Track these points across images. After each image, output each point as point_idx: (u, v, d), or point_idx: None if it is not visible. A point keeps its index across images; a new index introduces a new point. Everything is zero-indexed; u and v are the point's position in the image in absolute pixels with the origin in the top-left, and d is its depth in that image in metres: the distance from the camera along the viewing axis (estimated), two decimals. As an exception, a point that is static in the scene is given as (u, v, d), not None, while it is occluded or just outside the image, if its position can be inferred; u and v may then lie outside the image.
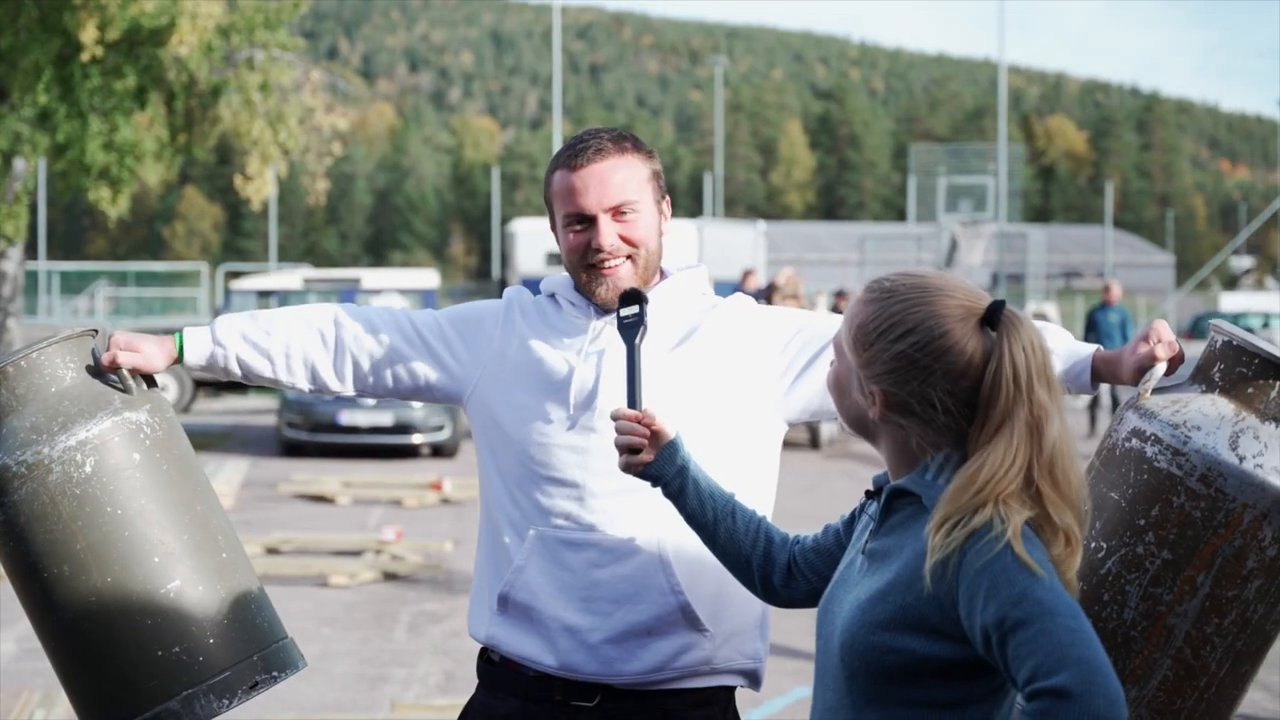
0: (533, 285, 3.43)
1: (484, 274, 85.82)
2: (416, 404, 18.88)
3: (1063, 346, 3.09)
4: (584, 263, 3.20)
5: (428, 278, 28.38)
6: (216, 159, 75.35)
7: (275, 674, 3.15)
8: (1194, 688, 2.82)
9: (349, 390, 3.34)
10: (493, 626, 3.22)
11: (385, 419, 18.94)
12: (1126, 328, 21.20)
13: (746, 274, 21.33)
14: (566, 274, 3.30)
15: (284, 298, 26.97)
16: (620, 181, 3.18)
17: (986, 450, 2.38)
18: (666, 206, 3.30)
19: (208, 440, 20.99)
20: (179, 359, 3.28)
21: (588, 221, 3.18)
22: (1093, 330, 21.48)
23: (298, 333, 3.32)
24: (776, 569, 2.85)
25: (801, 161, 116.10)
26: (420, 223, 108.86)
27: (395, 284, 27.45)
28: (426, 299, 26.82)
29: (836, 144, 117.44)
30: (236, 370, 3.30)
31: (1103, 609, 2.82)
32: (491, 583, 3.24)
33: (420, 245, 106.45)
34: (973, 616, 2.30)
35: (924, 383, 2.42)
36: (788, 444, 19.75)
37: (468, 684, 8.29)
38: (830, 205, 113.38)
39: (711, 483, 2.89)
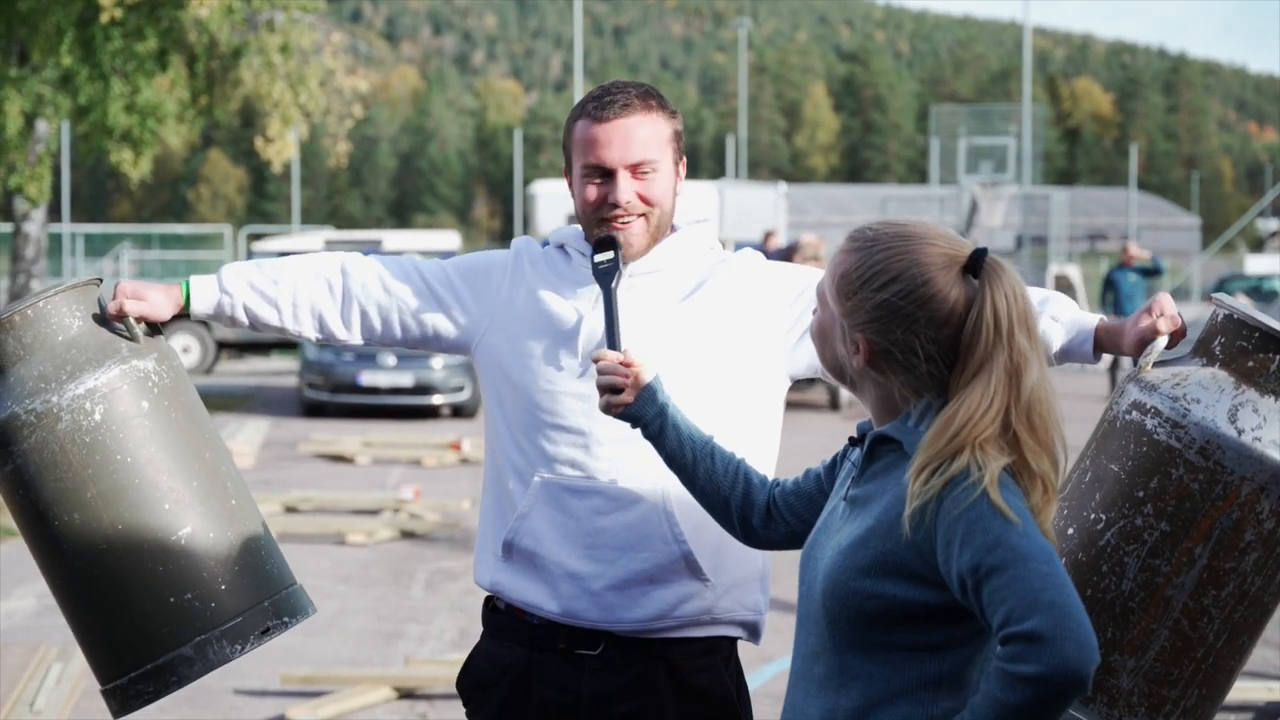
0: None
1: (507, 236, 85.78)
2: (437, 365, 18.94)
3: (1067, 316, 3.10)
4: (597, 215, 3.20)
5: (449, 239, 28.40)
6: (240, 122, 75.35)
7: (286, 619, 3.16)
8: (1191, 658, 2.85)
9: (356, 339, 3.35)
10: (497, 573, 3.24)
11: (406, 380, 19.00)
12: (1140, 289, 21.02)
13: (767, 235, 21.30)
14: (576, 226, 3.32)
15: (305, 259, 26.98)
16: (644, 139, 3.18)
17: (964, 394, 2.40)
18: (683, 167, 3.30)
19: (230, 401, 21.08)
20: (185, 307, 3.29)
21: (607, 175, 3.18)
22: (1111, 290, 21.37)
23: (305, 281, 3.32)
24: (755, 510, 2.87)
25: (826, 124, 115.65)
26: (444, 185, 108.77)
27: (416, 246, 27.48)
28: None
29: (861, 106, 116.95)
30: (243, 318, 3.31)
31: (1101, 580, 2.84)
32: (496, 530, 3.26)
33: (444, 208, 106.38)
34: (949, 563, 2.32)
35: (907, 331, 2.44)
36: (807, 405, 19.78)
37: (482, 640, 8.37)
38: (854, 168, 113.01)
39: (691, 425, 2.91)
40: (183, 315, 3.33)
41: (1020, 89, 47.30)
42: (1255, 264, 48.90)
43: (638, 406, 2.89)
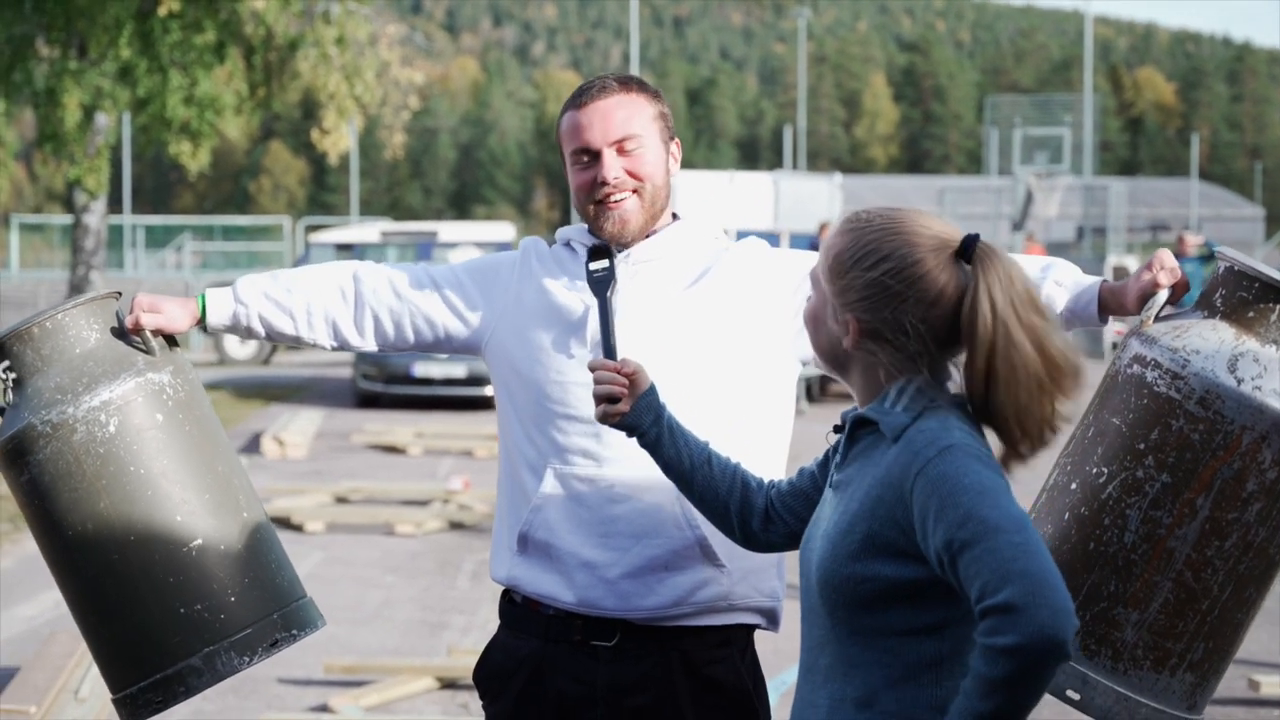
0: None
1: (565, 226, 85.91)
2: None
3: (1069, 279, 3.11)
4: (591, 198, 3.24)
5: (504, 230, 28.47)
6: (301, 114, 75.76)
7: (294, 632, 3.18)
8: (1196, 610, 2.84)
9: (370, 345, 3.38)
10: (513, 568, 3.25)
11: (459, 371, 19.07)
12: (1197, 279, 20.89)
13: (822, 227, 21.25)
14: (582, 224, 3.35)
15: (362, 251, 27.14)
16: (624, 117, 3.23)
17: (973, 381, 2.43)
18: (676, 149, 3.34)
19: (285, 391, 21.20)
20: (201, 319, 3.32)
21: (593, 156, 3.23)
22: None
23: (318, 290, 3.35)
24: (755, 514, 2.87)
25: (885, 114, 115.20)
26: (503, 176, 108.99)
27: (472, 237, 27.55)
28: (502, 251, 26.86)
29: (921, 96, 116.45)
30: (259, 328, 3.34)
31: (1103, 533, 2.85)
32: (511, 523, 3.27)
33: (503, 199, 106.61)
34: (926, 539, 2.34)
35: (896, 310, 2.46)
36: (841, 395, 19.71)
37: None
38: (914, 158, 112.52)
39: (687, 432, 2.91)
40: (199, 327, 3.36)
41: (1082, 78, 46.99)
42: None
43: (634, 415, 2.88)
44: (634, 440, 2.95)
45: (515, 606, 3.30)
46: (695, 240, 3.31)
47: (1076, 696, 2.87)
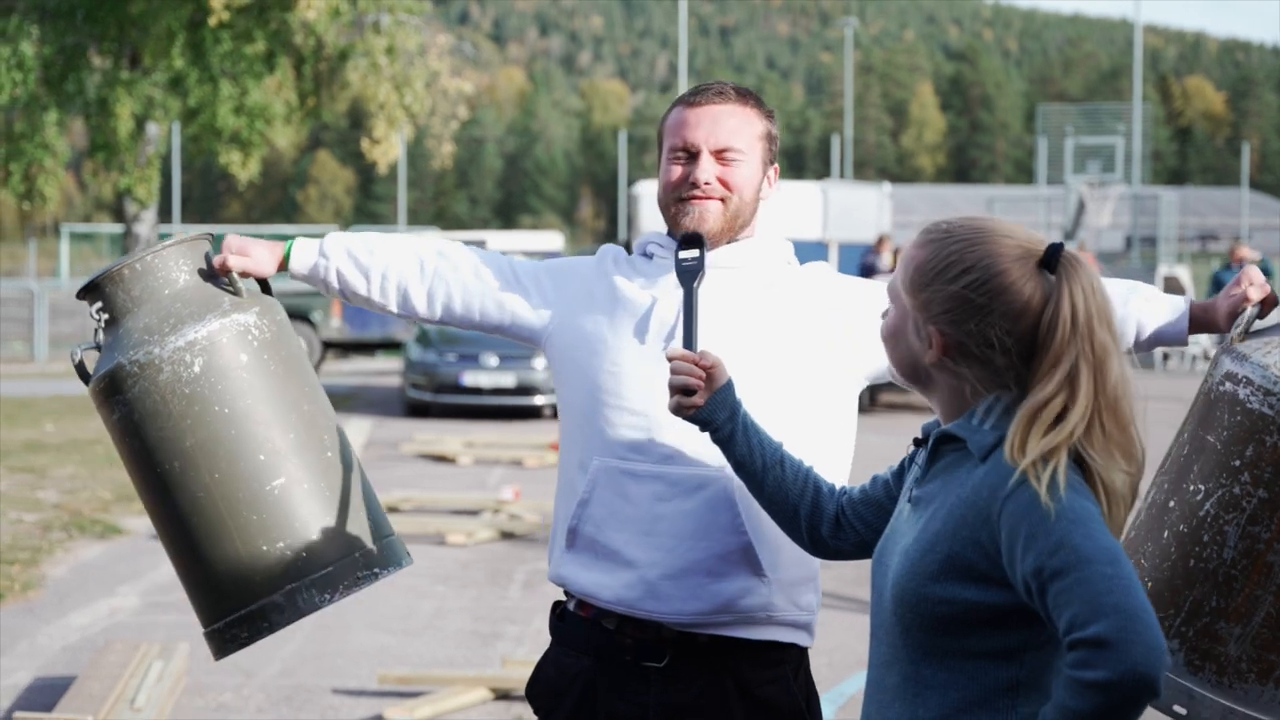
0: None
1: (611, 237, 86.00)
2: (539, 365, 19.00)
3: (1158, 296, 3.13)
4: (676, 194, 3.23)
5: (552, 240, 28.48)
6: (348, 123, 76.06)
7: (377, 570, 3.20)
8: None
9: (435, 316, 3.38)
10: (562, 566, 3.24)
11: (508, 380, 19.08)
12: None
13: (880, 240, 21.28)
14: (660, 231, 3.34)
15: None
16: (733, 126, 3.22)
17: (1041, 389, 2.37)
18: (774, 175, 3.32)
19: (333, 400, 21.01)
20: (284, 265, 3.36)
21: (691, 155, 3.22)
22: (1219, 289, 21.22)
23: (398, 256, 3.37)
24: (825, 519, 2.83)
25: (933, 123, 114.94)
26: (549, 186, 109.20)
27: (520, 246, 27.59)
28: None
29: (968, 105, 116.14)
30: (334, 283, 3.36)
31: (1203, 550, 2.85)
32: (562, 520, 3.26)
33: (549, 209, 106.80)
34: (1013, 565, 2.29)
35: (981, 322, 2.41)
36: (910, 407, 19.67)
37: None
38: (961, 167, 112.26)
39: (761, 430, 2.86)
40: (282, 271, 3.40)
41: (1130, 88, 46.76)
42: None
43: (709, 410, 2.84)
44: (688, 434, 2.91)
45: (564, 623, 3.28)
46: (771, 258, 3.30)
47: (1184, 712, 2.87)
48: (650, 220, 26.32)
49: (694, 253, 3.17)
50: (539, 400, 19.32)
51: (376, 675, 7.42)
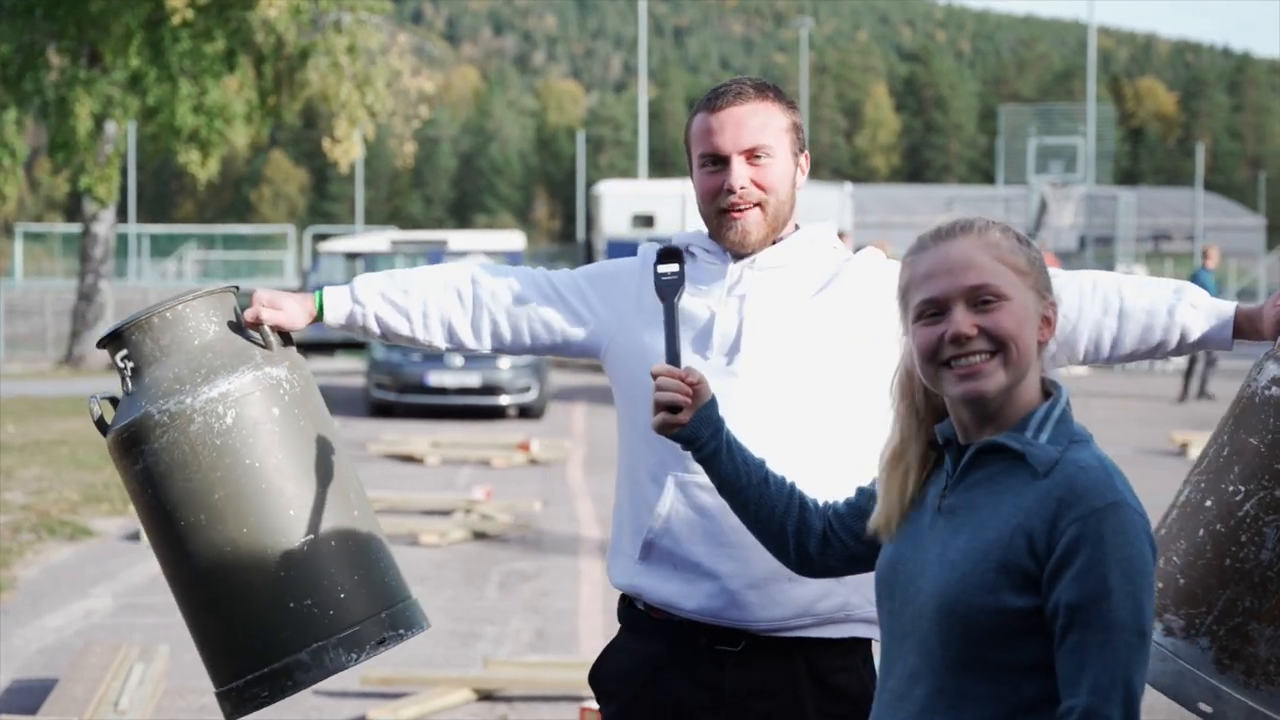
0: (620, 247, 3.44)
1: (568, 236, 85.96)
2: (504, 365, 18.96)
3: (1204, 302, 3.15)
4: (715, 206, 3.21)
5: (514, 239, 28.46)
6: (302, 122, 75.76)
7: (402, 631, 3.18)
8: None
9: (485, 347, 3.36)
10: (636, 576, 3.23)
11: (473, 380, 19.04)
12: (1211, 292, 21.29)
13: (840, 237, 21.25)
14: (697, 228, 3.33)
15: (371, 260, 27.12)
16: (757, 125, 3.19)
17: None
18: (805, 161, 3.30)
19: (297, 401, 21.13)
20: (319, 317, 3.32)
21: (721, 163, 3.19)
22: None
23: (435, 291, 3.34)
24: (812, 535, 2.77)
25: (887, 124, 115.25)
26: (504, 186, 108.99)
27: (482, 245, 27.54)
28: (512, 261, 26.78)
29: (922, 106, 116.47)
30: (375, 328, 3.34)
31: (1240, 550, 2.87)
32: (633, 532, 3.25)
33: (504, 208, 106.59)
34: (1054, 582, 2.30)
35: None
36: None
37: (559, 642, 8.38)
38: (916, 168, 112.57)
39: (744, 448, 2.81)
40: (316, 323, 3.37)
41: (1083, 88, 47.00)
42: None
43: (693, 428, 2.78)
44: (757, 444, 2.87)
45: (637, 612, 3.28)
46: (817, 249, 3.28)
47: (1209, 709, 2.88)
48: (611, 220, 26.33)
49: (673, 267, 3.18)
50: (504, 400, 19.29)
51: (359, 676, 7.38)
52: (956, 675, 2.37)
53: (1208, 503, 2.93)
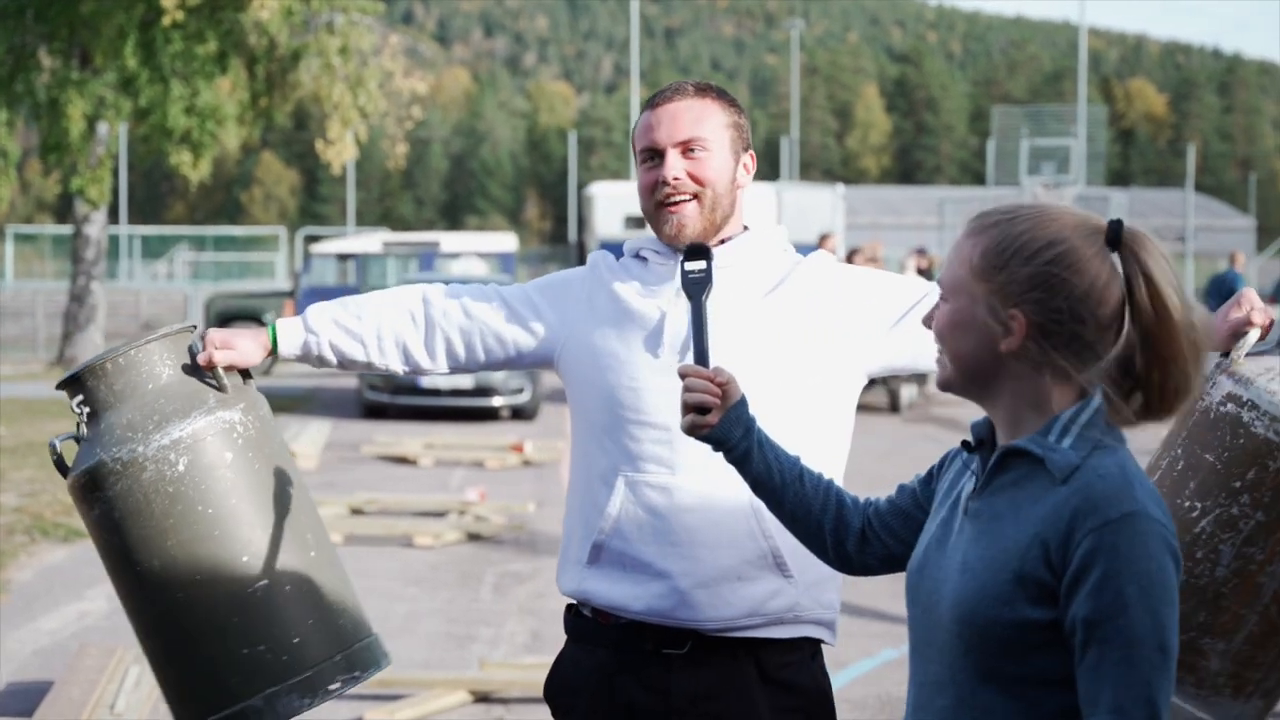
0: (613, 248, 3.45)
1: (559, 238, 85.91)
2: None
3: None
4: (654, 200, 3.23)
5: (506, 241, 28.42)
6: (293, 124, 75.72)
7: (357, 674, 3.18)
8: (1276, 643, 2.92)
9: (441, 368, 3.36)
10: (584, 581, 3.22)
11: (466, 381, 19.03)
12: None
13: (823, 237, 21.24)
14: (649, 233, 3.33)
15: (363, 261, 27.08)
16: (692, 119, 3.21)
17: (1163, 379, 2.30)
18: (750, 160, 3.31)
19: (290, 402, 21.14)
20: (273, 351, 3.31)
21: (658, 157, 3.22)
22: (1222, 290, 22.37)
23: (388, 314, 3.34)
24: (850, 533, 2.70)
25: (878, 125, 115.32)
26: (496, 187, 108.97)
27: (474, 247, 27.52)
28: (505, 262, 26.86)
29: (913, 107, 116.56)
30: (331, 356, 3.33)
31: (1196, 565, 2.89)
32: (582, 535, 3.24)
33: (495, 210, 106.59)
34: (1070, 596, 2.23)
35: (1069, 299, 2.29)
36: (866, 407, 19.70)
37: (554, 643, 8.32)
38: (907, 169, 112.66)
39: (778, 446, 2.73)
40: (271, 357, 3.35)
41: (1074, 89, 47.03)
42: (1314, 266, 48.50)
43: (724, 429, 2.69)
44: (719, 453, 2.85)
45: (582, 620, 3.27)
46: (767, 251, 3.29)
47: None
48: (604, 222, 26.34)
49: (700, 264, 3.10)
50: (497, 401, 19.28)
51: (355, 678, 7.37)
52: (976, 689, 2.32)
53: None
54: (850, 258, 18.52)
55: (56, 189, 26.52)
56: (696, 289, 3.08)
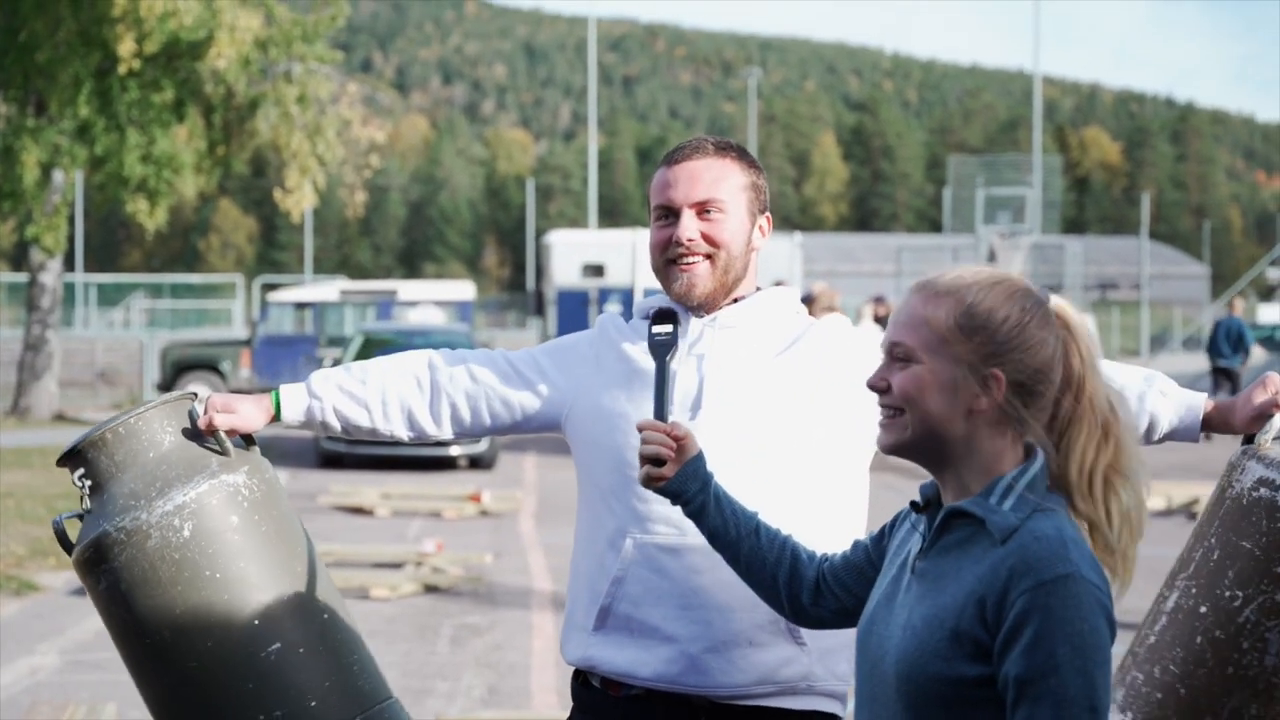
0: (571, 297, 3.43)
1: (517, 285, 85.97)
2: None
3: (1173, 391, 3.12)
4: (664, 258, 3.19)
5: (464, 289, 28.40)
6: (251, 171, 75.62)
7: None
8: None
9: (446, 433, 3.31)
10: (590, 648, 3.16)
11: (423, 430, 18.94)
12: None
13: (777, 285, 21.28)
14: (658, 297, 3.30)
15: (320, 310, 27.00)
16: (711, 180, 3.17)
17: (1075, 447, 2.37)
18: (766, 223, 3.28)
19: (246, 452, 20.99)
20: (276, 416, 3.26)
21: (673, 215, 3.18)
22: (1236, 336, 23.10)
23: (392, 379, 3.29)
24: (805, 586, 2.75)
25: (835, 173, 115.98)
26: (454, 234, 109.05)
27: (432, 295, 27.48)
28: (463, 310, 26.84)
29: (870, 155, 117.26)
30: (335, 422, 3.28)
31: (1242, 656, 2.84)
32: (588, 600, 3.18)
33: (453, 257, 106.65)
34: (1004, 654, 2.27)
35: (1039, 357, 2.37)
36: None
37: (511, 697, 8.32)
38: (863, 217, 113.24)
39: (734, 501, 2.79)
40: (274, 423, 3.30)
41: (1029, 137, 47.34)
42: (1267, 313, 48.85)
43: (680, 481, 2.76)
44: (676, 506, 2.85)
45: (591, 690, 3.20)
46: (779, 311, 3.26)
47: None
48: (561, 270, 26.32)
49: (667, 328, 3.14)
50: (454, 451, 19.22)
51: (310, 734, 7.31)
52: None
53: (1203, 609, 2.88)
54: (807, 306, 18.56)
55: (12, 236, 26.40)
56: (662, 350, 3.12)
